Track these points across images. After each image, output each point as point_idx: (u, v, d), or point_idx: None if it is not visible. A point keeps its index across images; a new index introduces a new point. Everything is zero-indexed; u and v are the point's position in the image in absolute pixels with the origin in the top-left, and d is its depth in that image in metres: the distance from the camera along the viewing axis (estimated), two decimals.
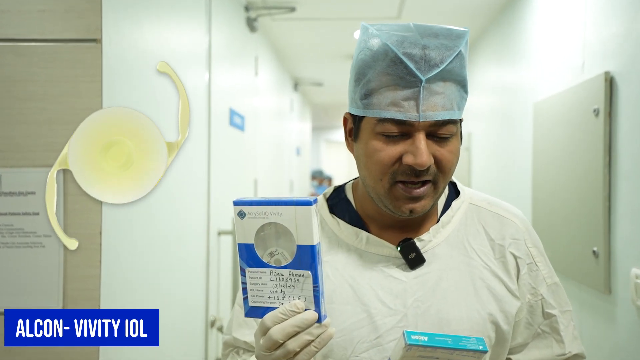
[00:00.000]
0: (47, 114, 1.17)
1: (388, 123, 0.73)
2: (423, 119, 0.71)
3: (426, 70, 0.70)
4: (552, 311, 0.85)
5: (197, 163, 2.02)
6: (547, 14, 2.13)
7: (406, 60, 0.70)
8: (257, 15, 2.91)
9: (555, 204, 1.94)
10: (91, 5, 1.17)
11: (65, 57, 1.17)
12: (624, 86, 1.48)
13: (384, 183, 0.76)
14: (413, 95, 0.71)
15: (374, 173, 0.76)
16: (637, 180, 1.40)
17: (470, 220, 0.86)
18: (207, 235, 2.13)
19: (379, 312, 0.79)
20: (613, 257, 1.53)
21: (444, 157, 0.74)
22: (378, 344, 0.78)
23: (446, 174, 0.76)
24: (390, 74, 0.72)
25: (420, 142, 0.72)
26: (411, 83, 0.71)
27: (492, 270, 0.82)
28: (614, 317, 1.53)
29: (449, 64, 0.71)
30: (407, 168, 0.73)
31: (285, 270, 0.66)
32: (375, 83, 0.73)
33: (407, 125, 0.72)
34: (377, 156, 0.74)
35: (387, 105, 0.72)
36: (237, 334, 0.87)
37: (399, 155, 0.73)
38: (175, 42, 1.77)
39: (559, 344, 0.85)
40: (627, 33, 1.46)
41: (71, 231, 1.16)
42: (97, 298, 1.16)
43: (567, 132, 1.83)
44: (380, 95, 0.73)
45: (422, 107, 0.71)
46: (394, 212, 0.78)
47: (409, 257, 0.80)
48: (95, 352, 1.14)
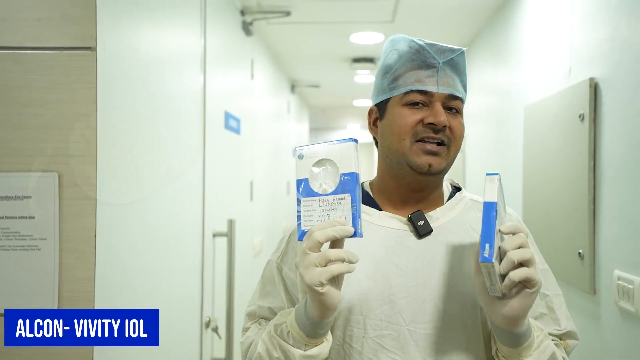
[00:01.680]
0: (43, 119, 1.20)
1: (413, 93, 0.92)
2: (440, 90, 0.91)
3: (441, 56, 0.92)
4: (547, 292, 0.95)
5: (192, 165, 2.05)
6: (537, 19, 2.16)
7: (427, 48, 0.92)
8: (252, 19, 2.94)
9: (544, 206, 1.97)
10: (86, 13, 1.20)
11: (61, 65, 1.20)
12: (607, 92, 1.51)
13: (407, 142, 0.91)
14: (433, 74, 0.92)
15: (399, 134, 0.92)
16: (620, 184, 1.43)
17: (472, 210, 0.98)
18: (202, 237, 2.16)
19: (392, 273, 0.90)
20: (597, 259, 1.56)
21: (454, 126, 0.92)
22: (391, 301, 0.88)
23: (457, 140, 0.93)
24: (414, 59, 0.92)
25: (439, 107, 0.91)
26: (431, 65, 0.92)
27: None
28: (598, 317, 1.56)
29: (457, 56, 0.93)
30: (427, 127, 0.90)
31: (330, 196, 0.79)
32: (402, 70, 0.93)
33: (428, 95, 0.91)
34: (404, 119, 0.92)
35: (412, 82, 0.92)
36: (262, 301, 0.99)
37: (420, 119, 0.91)
38: (170, 47, 1.80)
39: (554, 322, 0.94)
40: (611, 40, 1.49)
41: (66, 234, 1.19)
42: (92, 299, 1.19)
43: (554, 136, 1.86)
44: (406, 77, 0.93)
45: (440, 82, 0.91)
46: (415, 168, 0.91)
47: (418, 224, 0.92)
48: (89, 353, 1.18)
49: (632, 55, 1.38)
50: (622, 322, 1.43)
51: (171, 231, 1.81)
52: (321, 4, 2.85)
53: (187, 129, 1.98)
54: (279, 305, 0.98)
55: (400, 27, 3.19)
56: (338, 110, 7.92)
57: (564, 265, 1.79)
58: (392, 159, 0.94)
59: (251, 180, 3.10)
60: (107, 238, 1.30)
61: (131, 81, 1.47)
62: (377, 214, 0.96)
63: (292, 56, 4.10)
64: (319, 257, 0.75)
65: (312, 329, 0.81)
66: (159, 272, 1.69)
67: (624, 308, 1.39)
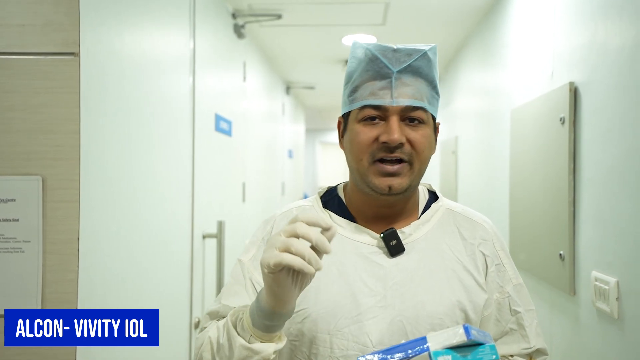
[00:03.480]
0: (27, 123, 1.22)
1: (367, 109, 0.87)
2: (395, 103, 0.85)
3: (396, 64, 0.86)
4: (518, 308, 0.94)
5: (181, 168, 2.07)
6: (522, 23, 2.18)
7: (381, 57, 0.86)
8: (244, 22, 2.96)
9: (529, 208, 1.99)
10: (69, 20, 1.22)
11: (45, 70, 1.22)
12: (586, 96, 1.53)
13: (364, 162, 0.88)
14: (387, 85, 0.86)
15: (356, 153, 0.88)
16: (599, 187, 1.46)
17: (447, 222, 0.96)
18: (192, 238, 2.18)
19: (361, 292, 0.88)
20: (577, 260, 1.58)
21: (416, 139, 0.87)
22: (358, 321, 0.86)
23: (420, 154, 0.88)
24: (369, 70, 0.87)
25: (393, 123, 0.85)
26: (385, 75, 0.86)
27: (463, 264, 0.92)
28: (578, 317, 1.58)
29: (416, 60, 0.86)
30: (382, 145, 0.85)
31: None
32: (358, 81, 0.89)
33: (383, 109, 0.86)
34: (359, 138, 0.87)
35: (367, 96, 0.87)
36: (228, 301, 0.93)
37: (376, 136, 0.86)
38: (158, 50, 1.82)
39: (524, 339, 0.93)
40: (590, 45, 1.51)
41: (50, 237, 1.21)
42: (75, 301, 1.22)
43: (538, 139, 1.88)
44: (362, 90, 0.88)
45: (394, 94, 0.85)
46: (375, 190, 0.88)
47: (391, 244, 0.90)
48: (72, 353, 1.19)
49: (608, 59, 1.40)
50: (599, 322, 1.45)
51: (159, 233, 1.83)
52: (311, 7, 2.87)
53: (175, 131, 2.00)
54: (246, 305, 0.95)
55: (392, 30, 3.21)
56: (334, 111, 7.93)
57: (546, 267, 1.81)
58: (356, 178, 0.91)
59: (243, 182, 3.12)
60: (92, 240, 1.32)
61: (117, 85, 1.49)
62: (350, 227, 0.93)
63: (286, 58, 4.12)
64: (281, 242, 0.71)
65: (261, 318, 0.76)
66: (147, 273, 1.71)
67: (600, 308, 1.41)
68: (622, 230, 1.33)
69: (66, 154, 1.21)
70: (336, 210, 0.96)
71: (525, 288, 0.97)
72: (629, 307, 1.29)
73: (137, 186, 1.64)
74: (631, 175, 1.28)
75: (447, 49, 3.67)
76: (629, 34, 1.29)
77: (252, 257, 0.97)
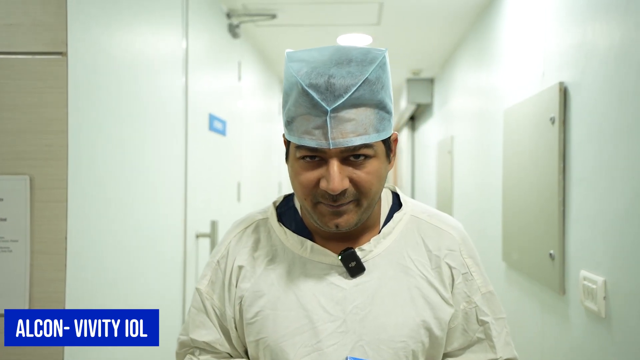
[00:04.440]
0: (15, 123, 1.22)
1: (304, 149, 0.77)
2: (333, 146, 0.74)
3: (331, 100, 0.73)
4: (486, 318, 0.91)
5: (174, 168, 2.07)
6: (515, 24, 2.19)
7: (311, 92, 0.74)
8: (239, 22, 2.96)
9: (521, 208, 2.00)
10: (57, 19, 1.22)
11: (33, 70, 1.22)
12: (576, 96, 1.53)
13: (309, 202, 0.81)
14: (322, 124, 0.74)
15: (299, 193, 0.82)
16: (587, 187, 1.46)
17: (410, 232, 0.91)
18: (184, 238, 2.19)
19: (320, 318, 0.83)
20: (567, 260, 1.58)
21: (360, 179, 0.78)
22: (318, 349, 0.82)
23: (367, 194, 0.80)
24: (301, 104, 0.76)
25: (332, 168, 0.76)
26: (319, 113, 0.74)
27: (428, 279, 0.88)
28: (567, 317, 1.59)
29: (355, 92, 0.74)
30: (324, 192, 0.78)
31: None
32: (293, 111, 0.78)
33: (320, 152, 0.76)
34: (299, 179, 0.80)
35: (302, 133, 0.76)
36: (195, 335, 0.91)
37: (316, 180, 0.78)
38: (149, 50, 1.82)
39: (491, 349, 0.90)
40: (579, 45, 1.51)
41: (38, 237, 1.21)
42: (63, 300, 1.22)
43: (529, 139, 1.89)
44: (297, 123, 0.77)
45: (331, 134, 0.74)
46: (322, 227, 0.83)
47: (350, 266, 0.85)
48: (60, 353, 1.20)
49: (596, 60, 1.40)
50: (587, 321, 1.45)
51: (151, 232, 1.83)
52: (306, 7, 2.87)
53: (168, 131, 2.00)
54: (214, 338, 0.91)
55: (387, 29, 3.21)
56: None
57: (537, 266, 1.81)
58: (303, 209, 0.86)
59: (238, 182, 3.12)
60: (80, 240, 1.32)
61: (106, 85, 1.49)
62: (307, 246, 0.88)
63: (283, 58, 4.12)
64: None
65: None
66: (138, 273, 1.71)
67: (588, 308, 1.41)
68: (609, 230, 1.33)
69: (54, 154, 1.22)
70: (292, 225, 0.91)
71: (496, 295, 0.93)
72: (616, 306, 1.29)
73: (128, 186, 1.64)
74: (618, 175, 1.29)
75: (442, 48, 3.68)
76: (616, 34, 1.30)
77: (209, 282, 0.93)
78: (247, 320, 0.88)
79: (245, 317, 0.88)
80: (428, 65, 4.23)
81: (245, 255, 0.91)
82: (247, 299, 0.88)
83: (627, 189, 1.24)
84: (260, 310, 0.86)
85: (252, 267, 0.90)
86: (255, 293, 0.88)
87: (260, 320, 0.86)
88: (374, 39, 3.42)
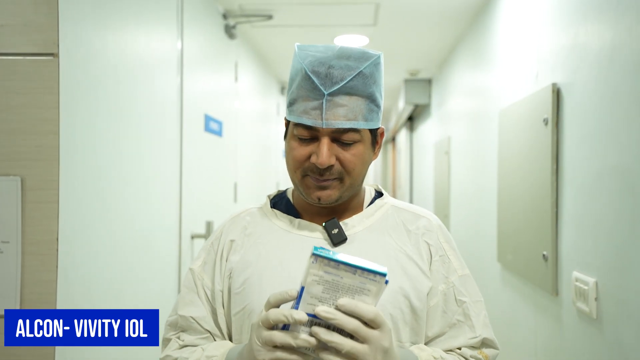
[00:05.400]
0: (6, 124, 1.22)
1: (300, 127, 0.88)
2: (326, 125, 0.85)
3: (328, 86, 0.85)
4: (464, 298, 0.94)
5: (169, 168, 2.07)
6: (510, 25, 2.19)
7: (313, 77, 0.85)
8: (235, 22, 2.96)
9: (516, 210, 2.00)
10: (48, 20, 1.22)
11: (24, 70, 1.22)
12: (568, 97, 1.54)
13: (297, 175, 0.91)
14: (319, 106, 0.85)
15: (291, 166, 0.91)
16: (579, 188, 1.46)
17: (391, 217, 0.98)
18: (179, 238, 2.19)
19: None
20: (559, 261, 1.58)
21: (346, 159, 0.88)
22: None
23: (350, 173, 0.89)
24: (303, 87, 0.87)
25: (322, 145, 0.86)
26: (317, 96, 0.85)
27: (407, 253, 0.93)
28: (560, 317, 1.59)
29: (349, 81, 0.85)
30: (313, 166, 0.88)
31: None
32: (295, 94, 0.89)
33: (314, 130, 0.87)
34: (293, 153, 0.90)
35: (300, 113, 0.87)
36: (183, 311, 0.95)
37: (308, 155, 0.88)
38: (143, 50, 1.82)
39: (470, 329, 0.93)
40: (571, 46, 1.52)
41: (29, 238, 1.21)
42: (54, 301, 1.22)
43: (523, 140, 1.89)
44: (298, 104, 0.88)
45: (325, 116, 0.85)
46: (306, 199, 0.91)
47: (332, 232, 0.92)
48: (51, 353, 1.20)
49: (588, 61, 1.40)
50: (579, 322, 1.45)
51: (144, 233, 1.83)
52: (302, 8, 2.87)
53: (162, 131, 2.00)
54: (201, 314, 0.95)
55: (383, 30, 3.21)
56: None
57: (531, 267, 1.82)
58: (292, 183, 0.94)
59: (235, 182, 3.13)
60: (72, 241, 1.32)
61: (98, 86, 1.49)
62: (294, 222, 0.96)
63: (280, 58, 4.13)
64: (265, 337, 0.74)
65: None
66: (132, 273, 1.71)
67: (580, 308, 1.41)
68: (600, 231, 1.33)
69: (45, 155, 1.22)
70: (283, 209, 0.99)
71: (472, 279, 0.97)
72: (607, 307, 1.29)
73: (122, 187, 1.64)
74: (608, 177, 1.29)
75: (439, 49, 3.68)
76: (606, 36, 1.30)
77: (202, 263, 0.99)
78: (235, 290, 0.92)
79: (233, 287, 0.93)
80: (426, 65, 4.23)
81: (238, 232, 0.99)
82: (236, 270, 0.94)
83: (617, 190, 1.24)
84: (247, 278, 0.92)
85: (242, 242, 0.97)
86: (243, 264, 0.94)
87: (247, 288, 0.91)
88: (370, 39, 3.42)
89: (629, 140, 1.20)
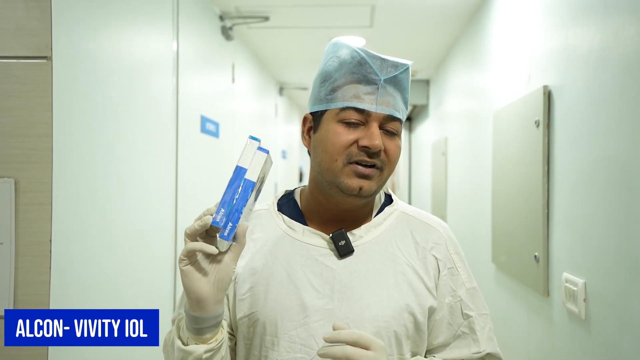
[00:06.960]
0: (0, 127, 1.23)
1: (350, 111, 0.87)
2: (379, 110, 0.87)
3: (384, 72, 0.87)
4: (470, 312, 0.94)
5: (164, 169, 2.08)
6: (504, 27, 2.20)
7: (370, 62, 0.87)
8: (232, 24, 2.98)
9: (508, 210, 2.01)
10: (41, 23, 1.23)
11: (17, 74, 1.23)
12: (559, 99, 1.55)
13: (339, 163, 0.88)
14: (373, 91, 0.87)
15: (332, 153, 0.88)
16: (569, 190, 1.47)
17: (400, 225, 0.96)
18: (175, 239, 2.20)
19: (308, 295, 0.89)
20: (550, 262, 1.59)
21: (390, 149, 0.89)
22: (305, 323, 0.88)
23: (391, 163, 0.90)
24: (355, 72, 0.87)
25: (375, 129, 0.87)
26: (372, 81, 0.87)
27: (414, 268, 0.92)
28: (551, 318, 1.60)
29: (401, 73, 0.89)
30: (361, 150, 0.87)
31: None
32: (341, 81, 0.89)
33: (365, 114, 0.87)
34: (337, 138, 0.87)
35: (350, 97, 0.87)
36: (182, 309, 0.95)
37: (354, 140, 0.87)
38: (137, 52, 1.83)
39: (475, 343, 0.94)
40: (562, 49, 1.53)
41: (22, 239, 1.22)
42: (47, 303, 1.23)
43: (516, 141, 1.90)
44: (344, 90, 0.88)
45: (378, 101, 0.87)
46: (345, 190, 0.88)
47: (339, 244, 0.91)
48: (44, 354, 1.21)
49: (577, 63, 1.41)
50: (569, 323, 1.46)
51: (140, 234, 1.84)
52: (298, 10, 2.88)
53: (158, 132, 2.01)
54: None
55: (380, 31, 3.22)
56: None
57: (522, 268, 1.83)
58: (323, 177, 0.90)
59: None
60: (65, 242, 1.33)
61: (92, 88, 1.50)
62: (301, 229, 0.94)
63: (278, 59, 4.14)
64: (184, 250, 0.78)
65: (188, 321, 0.81)
66: (127, 274, 1.72)
67: (570, 309, 1.42)
68: (588, 232, 1.34)
69: (38, 157, 1.23)
70: (290, 214, 0.98)
71: (480, 292, 0.97)
72: (595, 308, 1.30)
73: (117, 188, 1.65)
74: (597, 179, 1.30)
75: (436, 51, 3.69)
76: (595, 38, 1.31)
77: None
78: (240, 297, 0.92)
79: (238, 293, 0.92)
80: (424, 66, 4.24)
81: None
82: (241, 275, 0.93)
83: (606, 192, 1.25)
84: (253, 286, 0.91)
85: (248, 247, 0.95)
86: (249, 270, 0.93)
87: (252, 295, 0.91)
88: (367, 41, 3.43)
89: (619, 141, 1.21)
